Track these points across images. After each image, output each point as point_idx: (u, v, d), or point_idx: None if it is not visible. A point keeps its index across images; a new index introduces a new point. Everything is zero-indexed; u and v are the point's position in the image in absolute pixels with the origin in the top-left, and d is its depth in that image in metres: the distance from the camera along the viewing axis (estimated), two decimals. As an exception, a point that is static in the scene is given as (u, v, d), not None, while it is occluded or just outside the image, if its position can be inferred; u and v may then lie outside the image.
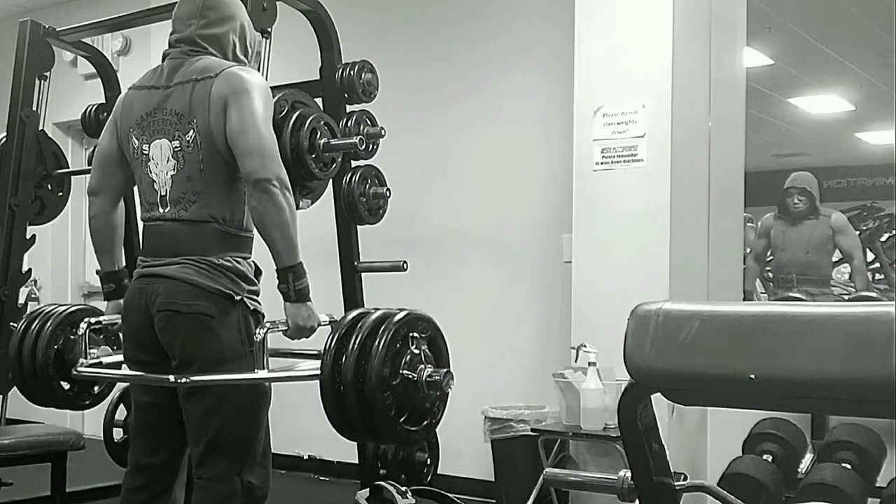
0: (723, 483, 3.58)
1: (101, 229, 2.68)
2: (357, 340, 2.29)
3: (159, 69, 2.59)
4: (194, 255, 2.45)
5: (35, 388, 2.89)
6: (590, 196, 3.99)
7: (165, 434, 2.60)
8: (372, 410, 2.26)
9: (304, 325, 2.45)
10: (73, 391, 2.93)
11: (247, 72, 2.50)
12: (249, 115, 2.40)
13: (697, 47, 4.00)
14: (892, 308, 1.02)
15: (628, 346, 1.20)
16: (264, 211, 2.37)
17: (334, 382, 2.29)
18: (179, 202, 2.47)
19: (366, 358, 2.27)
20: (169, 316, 2.45)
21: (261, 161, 2.38)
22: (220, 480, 2.48)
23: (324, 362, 2.31)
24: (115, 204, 2.68)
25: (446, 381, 2.33)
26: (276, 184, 2.37)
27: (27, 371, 2.85)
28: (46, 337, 2.84)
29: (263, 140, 2.40)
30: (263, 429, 2.56)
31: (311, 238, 3.85)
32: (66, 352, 2.85)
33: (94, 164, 2.72)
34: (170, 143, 2.47)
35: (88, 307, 3.01)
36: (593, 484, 1.53)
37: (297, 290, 2.43)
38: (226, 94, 2.41)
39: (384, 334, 2.29)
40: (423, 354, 2.35)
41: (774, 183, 5.74)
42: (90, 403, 3.06)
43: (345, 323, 2.36)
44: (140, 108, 2.55)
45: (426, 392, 2.32)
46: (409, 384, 2.30)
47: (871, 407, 1.09)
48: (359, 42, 4.14)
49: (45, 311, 2.95)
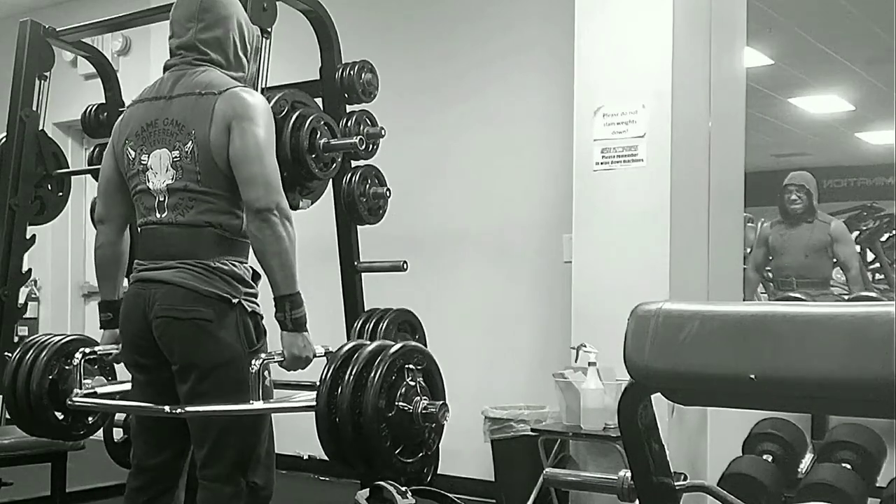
0: (723, 483, 3.57)
1: (107, 258, 2.68)
2: (353, 372, 2.28)
3: (160, 81, 2.59)
4: (190, 259, 2.45)
5: (29, 419, 2.88)
6: (590, 196, 3.99)
7: (166, 435, 2.60)
8: (368, 442, 2.26)
9: (300, 355, 2.45)
10: (67, 421, 2.91)
11: (250, 94, 2.50)
12: (252, 143, 2.41)
13: (697, 47, 4.00)
14: (892, 308, 1.02)
15: (628, 346, 1.20)
16: (263, 239, 2.38)
17: (330, 413, 2.29)
18: (177, 208, 2.47)
19: (362, 390, 2.26)
20: (167, 322, 2.45)
21: (263, 191, 2.39)
22: (225, 481, 2.48)
23: (320, 393, 2.31)
24: (121, 233, 2.68)
25: (441, 413, 2.33)
26: (276, 213, 2.38)
27: (21, 401, 2.84)
28: (41, 367, 2.82)
29: (266, 169, 2.41)
30: (267, 429, 2.56)
31: (311, 238, 3.86)
32: (60, 382, 2.84)
33: (98, 193, 2.73)
34: (169, 153, 2.47)
35: (83, 337, 3.00)
36: (593, 484, 1.53)
37: (293, 319, 2.43)
38: (229, 117, 2.42)
39: (380, 366, 2.28)
40: (419, 386, 2.35)
41: (774, 183, 5.74)
42: (85, 433, 3.04)
43: (340, 354, 2.36)
44: (140, 119, 2.55)
45: (421, 424, 2.32)
46: (404, 416, 2.29)
47: (871, 407, 1.09)
48: (359, 42, 4.14)
49: (39, 341, 2.93)
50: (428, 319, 3.68)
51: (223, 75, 2.54)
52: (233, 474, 2.48)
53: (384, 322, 3.51)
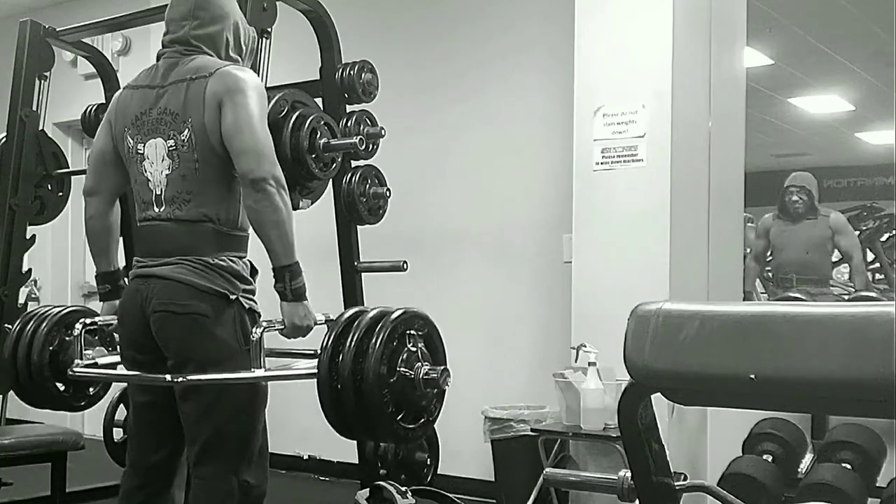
0: (723, 483, 3.58)
1: (98, 230, 2.68)
2: (354, 339, 2.29)
3: (154, 68, 2.59)
4: (189, 255, 2.45)
5: (30, 390, 2.88)
6: (590, 196, 3.99)
7: (163, 434, 2.60)
8: (369, 408, 2.26)
9: (301, 323, 2.45)
10: (68, 392, 2.92)
11: (241, 70, 2.51)
12: (244, 115, 2.40)
13: (697, 47, 4.00)
14: (892, 308, 1.02)
15: (628, 346, 1.20)
16: (260, 210, 2.37)
17: (331, 381, 2.29)
18: (174, 201, 2.47)
19: (363, 356, 2.27)
20: (164, 317, 2.45)
21: (256, 160, 2.38)
22: (217, 479, 2.48)
23: (321, 360, 2.31)
24: (111, 204, 2.68)
25: (443, 378, 2.33)
26: (272, 183, 2.37)
27: (22, 372, 2.84)
28: (41, 338, 2.83)
29: (259, 139, 2.40)
30: (260, 428, 2.56)
31: (311, 238, 3.87)
32: (61, 353, 2.84)
33: (89, 165, 2.72)
34: (165, 142, 2.47)
35: (83, 308, 3.01)
36: (593, 484, 1.53)
37: (293, 289, 2.42)
38: (220, 93, 2.41)
39: (381, 332, 2.29)
40: (420, 352, 2.35)
41: (774, 183, 5.75)
42: (86, 404, 3.05)
43: (341, 321, 2.36)
44: (135, 108, 2.55)
45: (423, 390, 2.32)
46: (406, 382, 2.30)
47: (871, 407, 1.09)
48: (359, 42, 4.14)
49: (39, 313, 2.94)
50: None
51: (214, 59, 2.54)
52: (225, 473, 2.47)
53: (384, 322, 3.51)
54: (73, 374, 2.70)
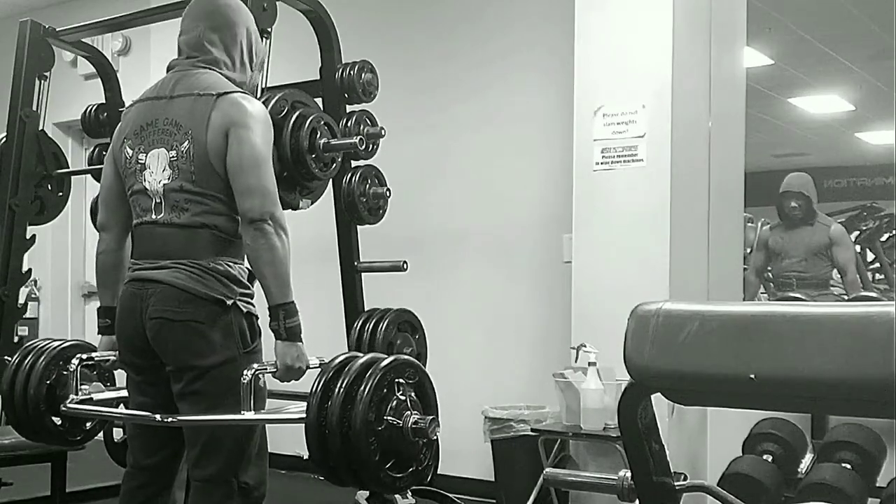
0: (723, 483, 3.57)
1: (108, 265, 2.68)
2: (343, 384, 2.27)
3: (163, 80, 2.60)
4: (185, 259, 2.45)
5: (27, 424, 2.87)
6: (590, 196, 3.99)
7: (162, 435, 2.59)
8: (357, 456, 2.24)
9: (294, 365, 2.44)
10: (64, 427, 2.91)
11: (248, 101, 2.50)
12: (249, 152, 2.41)
13: (697, 47, 4.00)
14: (892, 308, 1.02)
15: (628, 346, 1.20)
16: (257, 248, 2.38)
17: (319, 426, 2.27)
18: (173, 210, 2.47)
19: (351, 402, 2.25)
20: (160, 323, 2.45)
21: (259, 201, 2.39)
22: (216, 482, 2.48)
23: (310, 405, 2.29)
24: (123, 240, 2.68)
25: (432, 428, 2.31)
26: (271, 223, 2.38)
27: (19, 406, 2.83)
28: (39, 372, 2.81)
29: (262, 180, 2.41)
30: (259, 429, 2.56)
31: (311, 238, 3.88)
32: (58, 387, 2.83)
33: (99, 201, 2.73)
34: (167, 152, 2.47)
35: (82, 342, 2.99)
36: (593, 484, 1.53)
37: (287, 329, 2.42)
38: (226, 123, 2.42)
39: (370, 379, 2.27)
40: (410, 401, 2.33)
41: (774, 183, 5.74)
42: (82, 439, 3.02)
43: (332, 366, 2.34)
44: (140, 119, 2.55)
45: (412, 439, 2.30)
46: (394, 430, 2.28)
47: (871, 407, 1.09)
48: (359, 42, 4.14)
49: (38, 346, 2.93)
50: (428, 319, 3.68)
51: (223, 79, 2.55)
52: (224, 475, 2.47)
53: (384, 322, 3.51)
54: (65, 410, 2.70)
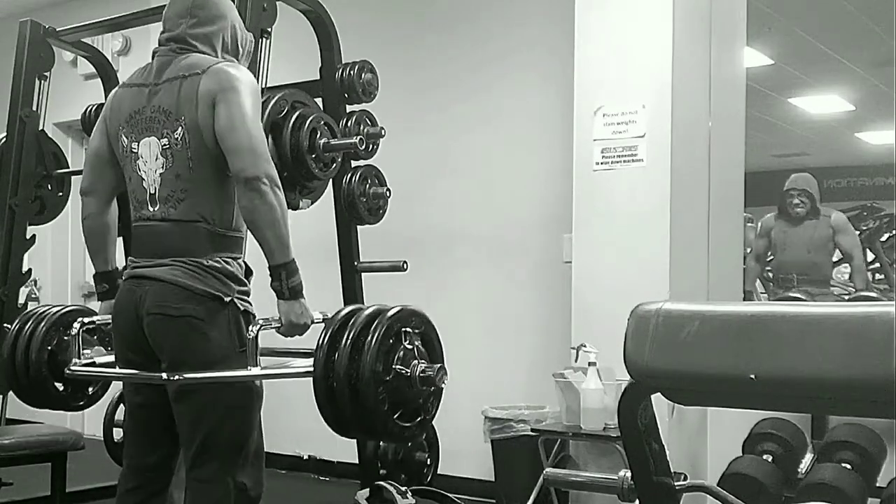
0: (723, 483, 3.58)
1: (94, 229, 2.67)
2: (350, 336, 2.27)
3: (148, 67, 2.58)
4: (183, 257, 2.44)
5: (28, 389, 2.87)
6: (590, 196, 3.99)
7: (159, 435, 2.59)
8: (365, 406, 2.25)
9: (298, 321, 2.44)
10: (66, 392, 2.90)
11: (235, 68, 2.49)
12: (238, 113, 2.39)
13: (697, 47, 4.00)
14: (892, 308, 1.02)
15: (628, 346, 1.19)
16: (255, 209, 2.36)
17: (327, 379, 2.28)
18: (168, 200, 2.46)
19: (358, 354, 2.25)
20: (158, 319, 2.45)
21: (251, 159, 2.37)
22: (213, 482, 2.47)
23: (316, 359, 2.29)
24: (108, 204, 2.67)
25: (439, 376, 2.32)
26: (266, 181, 2.36)
27: (20, 372, 2.83)
28: (40, 337, 2.82)
29: (253, 138, 2.39)
30: (256, 429, 2.55)
31: (311, 238, 3.87)
32: (59, 352, 2.83)
33: (85, 165, 2.72)
34: (158, 140, 2.47)
35: (82, 307, 3.00)
36: (593, 484, 1.53)
37: (290, 288, 2.42)
38: (214, 91, 2.41)
39: (377, 330, 2.27)
40: (416, 350, 2.34)
41: (774, 183, 5.75)
42: (84, 404, 3.03)
43: (337, 319, 2.35)
44: (129, 106, 2.54)
45: (419, 388, 2.31)
46: (402, 380, 2.28)
47: (871, 407, 1.09)
48: (359, 42, 4.14)
49: (38, 312, 2.93)
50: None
51: (207, 56, 2.53)
52: (222, 474, 2.46)
53: (384, 322, 3.51)
54: (69, 373, 2.69)
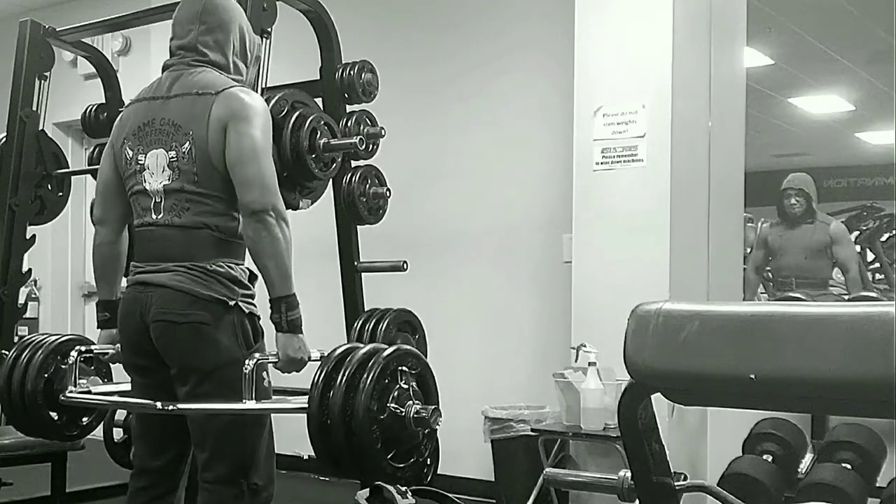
0: (723, 483, 3.57)
1: (105, 258, 2.68)
2: (346, 374, 2.27)
3: (159, 80, 2.59)
4: (187, 262, 2.45)
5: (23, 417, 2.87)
6: (590, 196, 3.99)
7: (167, 437, 2.61)
8: (358, 445, 2.24)
9: (295, 356, 2.44)
10: (61, 421, 2.90)
11: (247, 94, 2.50)
12: (249, 144, 2.41)
13: (697, 47, 4.00)
14: (892, 308, 1.02)
15: (628, 346, 1.19)
16: (259, 240, 2.38)
17: (322, 416, 2.27)
18: (173, 210, 2.48)
19: (353, 392, 2.25)
20: (164, 326, 2.45)
21: (259, 192, 2.39)
22: (226, 483, 2.48)
23: (311, 396, 2.29)
24: (120, 233, 2.69)
25: (434, 418, 2.31)
26: (273, 214, 2.38)
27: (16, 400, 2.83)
28: (36, 366, 2.81)
29: (262, 171, 2.41)
30: (266, 430, 2.56)
31: (311, 238, 3.87)
32: (55, 381, 2.83)
33: (96, 194, 2.74)
34: (166, 153, 2.47)
35: (80, 337, 3.00)
36: (593, 484, 1.53)
37: (289, 321, 2.43)
38: (225, 118, 2.42)
39: (373, 368, 2.27)
40: (412, 390, 2.33)
41: (774, 183, 5.74)
42: (78, 434, 3.02)
43: (333, 357, 2.34)
44: (138, 119, 2.55)
45: (413, 428, 2.30)
46: (396, 420, 2.27)
47: (871, 407, 1.09)
48: (359, 42, 4.14)
49: (35, 340, 2.92)
50: (428, 319, 3.68)
51: (221, 76, 2.54)
52: (233, 476, 2.48)
53: (384, 322, 3.51)
54: (65, 400, 2.70)
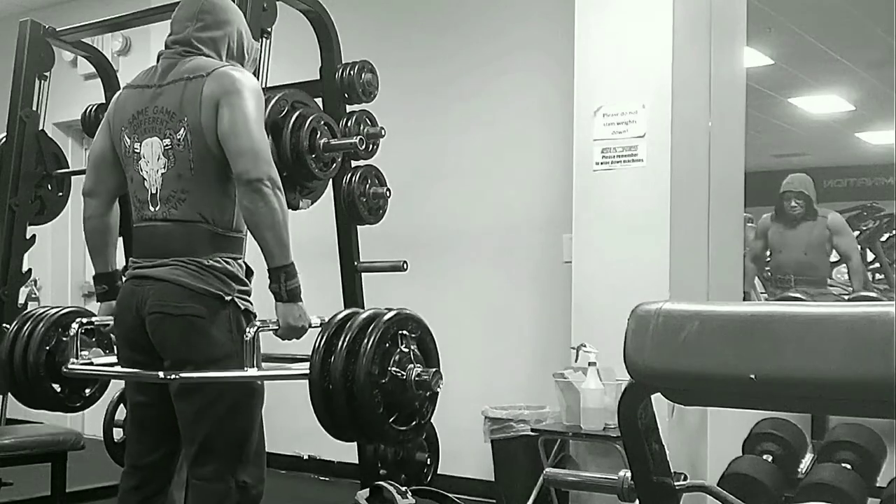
0: (723, 483, 3.57)
1: (96, 230, 2.69)
2: (346, 339, 2.28)
3: (153, 69, 2.61)
4: (184, 257, 2.46)
5: (26, 389, 2.88)
6: (590, 196, 3.99)
7: (160, 434, 2.61)
8: (360, 409, 2.26)
9: (296, 324, 2.46)
10: (64, 393, 2.91)
11: (238, 71, 2.51)
12: (241, 116, 2.41)
13: (697, 47, 4.00)
14: (892, 308, 1.02)
15: (628, 346, 1.19)
16: (255, 210, 2.38)
17: (323, 381, 2.28)
18: (169, 200, 2.48)
19: (354, 357, 2.26)
20: (159, 318, 2.46)
21: (253, 161, 2.39)
22: (214, 480, 2.48)
23: (312, 362, 2.30)
24: (110, 205, 2.69)
25: (435, 380, 2.33)
26: (268, 184, 2.38)
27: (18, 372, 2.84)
28: (38, 338, 2.82)
29: (255, 141, 2.41)
30: (257, 428, 2.56)
31: (311, 238, 3.87)
32: (57, 353, 2.83)
33: (88, 165, 2.73)
34: (161, 141, 2.49)
35: (81, 309, 3.00)
36: (593, 484, 1.53)
37: (288, 290, 2.43)
38: (217, 94, 2.43)
39: (373, 333, 2.28)
40: (412, 354, 2.35)
41: (774, 183, 5.74)
42: (81, 405, 3.03)
43: (333, 323, 2.36)
44: (132, 107, 2.56)
45: (415, 391, 2.31)
46: (397, 383, 2.29)
47: (871, 407, 1.09)
48: (359, 42, 4.14)
49: (37, 313, 2.93)
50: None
51: (211, 60, 2.55)
52: (223, 473, 2.48)
53: (384, 322, 3.51)
54: (68, 371, 2.70)
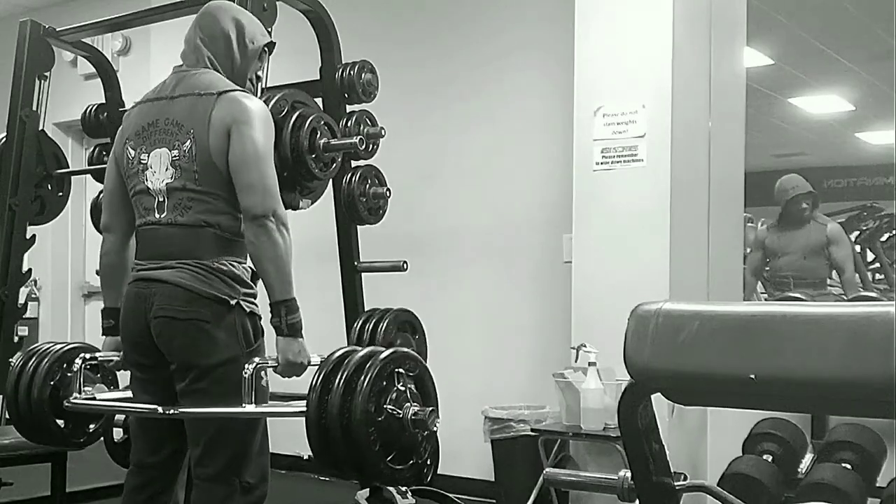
0: (723, 483, 3.57)
1: (111, 266, 2.70)
2: (343, 377, 2.27)
3: (164, 82, 2.63)
4: (189, 259, 2.46)
5: (30, 425, 2.88)
6: (590, 196, 3.99)
7: (165, 434, 2.61)
8: (356, 447, 2.24)
9: (295, 360, 2.45)
10: (67, 428, 2.91)
11: (249, 99, 2.53)
12: (251, 149, 2.44)
13: (697, 47, 4.00)
14: (892, 308, 1.02)
15: (628, 346, 1.19)
16: (259, 245, 2.40)
17: (320, 419, 2.27)
18: (175, 209, 2.50)
19: (351, 394, 2.25)
20: (165, 322, 2.47)
21: (260, 197, 2.42)
22: (218, 480, 2.49)
23: (310, 399, 2.29)
24: (126, 241, 2.70)
25: (431, 419, 2.31)
26: (273, 220, 2.41)
27: (22, 408, 2.84)
28: (42, 374, 2.82)
29: (263, 176, 2.44)
30: (261, 429, 2.57)
31: (311, 238, 3.87)
32: (61, 389, 2.84)
33: (103, 202, 2.76)
34: (169, 152, 2.50)
35: (84, 345, 3.00)
36: (593, 484, 1.53)
37: (289, 325, 2.44)
38: (228, 121, 2.45)
39: (370, 370, 2.27)
40: (409, 392, 2.33)
41: (774, 183, 5.74)
42: (84, 441, 3.03)
43: (331, 360, 2.35)
44: (142, 119, 2.58)
45: (411, 430, 2.30)
46: (393, 421, 2.28)
47: (871, 407, 1.09)
48: (359, 42, 4.14)
49: (41, 349, 2.94)
50: (428, 319, 3.68)
51: (224, 78, 2.58)
52: (226, 474, 2.49)
53: (384, 322, 3.51)
54: (69, 406, 2.70)
